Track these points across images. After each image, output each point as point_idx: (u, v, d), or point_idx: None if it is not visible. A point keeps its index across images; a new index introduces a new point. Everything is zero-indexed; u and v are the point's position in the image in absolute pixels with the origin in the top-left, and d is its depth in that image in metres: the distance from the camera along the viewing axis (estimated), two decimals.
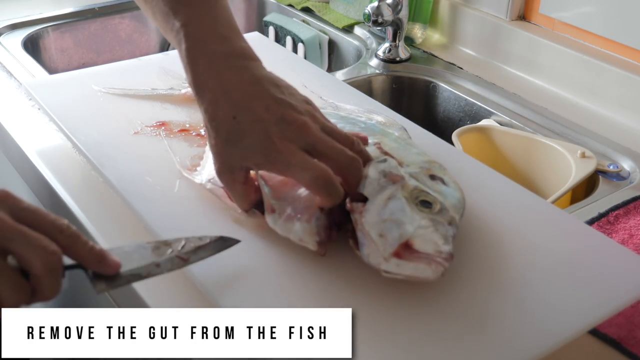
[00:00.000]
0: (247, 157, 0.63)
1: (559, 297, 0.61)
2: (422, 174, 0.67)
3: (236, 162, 0.63)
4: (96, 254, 0.53)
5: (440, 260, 0.58)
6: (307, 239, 0.61)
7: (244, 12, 1.58)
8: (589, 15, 1.11)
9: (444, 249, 0.59)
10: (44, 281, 0.50)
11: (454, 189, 0.67)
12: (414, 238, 0.59)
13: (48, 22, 1.33)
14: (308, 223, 0.61)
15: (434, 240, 0.59)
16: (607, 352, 0.64)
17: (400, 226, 0.60)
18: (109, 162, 0.77)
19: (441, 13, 1.31)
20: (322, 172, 0.60)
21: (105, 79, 0.94)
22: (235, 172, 0.64)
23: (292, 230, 0.62)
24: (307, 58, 1.39)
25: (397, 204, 0.61)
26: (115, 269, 0.53)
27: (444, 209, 0.63)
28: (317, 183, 0.60)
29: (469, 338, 0.56)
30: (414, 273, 0.57)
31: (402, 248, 0.58)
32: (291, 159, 0.61)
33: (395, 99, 1.25)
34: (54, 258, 0.50)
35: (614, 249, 0.68)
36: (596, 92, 1.09)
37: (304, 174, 0.60)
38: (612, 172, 0.94)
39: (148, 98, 0.90)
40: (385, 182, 0.63)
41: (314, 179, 0.60)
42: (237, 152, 0.63)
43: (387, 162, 0.66)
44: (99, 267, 0.53)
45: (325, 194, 0.60)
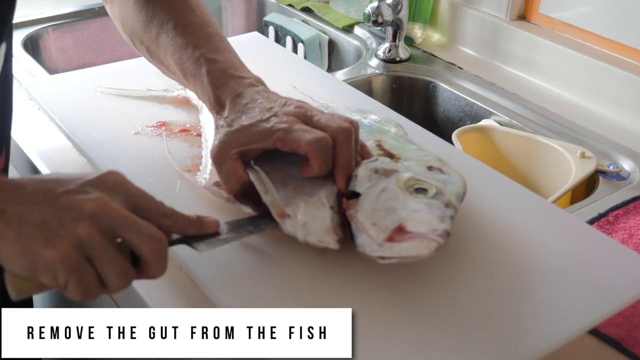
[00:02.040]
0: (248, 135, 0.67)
1: (559, 296, 0.61)
2: (419, 166, 0.67)
3: (234, 140, 0.67)
4: (196, 222, 0.60)
5: (434, 237, 0.57)
6: (327, 239, 0.61)
7: (244, 12, 1.58)
8: (589, 15, 1.11)
9: (439, 227, 0.58)
10: (152, 264, 0.55)
11: (454, 177, 0.66)
12: (407, 221, 0.59)
13: (48, 22, 1.33)
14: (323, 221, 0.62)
15: (428, 220, 0.59)
16: (607, 352, 0.64)
17: (393, 212, 0.60)
18: (109, 162, 0.77)
19: (441, 13, 1.31)
20: (323, 136, 0.64)
21: (105, 79, 0.94)
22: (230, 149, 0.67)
23: (310, 233, 0.62)
24: (307, 58, 1.39)
25: (390, 194, 0.62)
26: (216, 226, 0.61)
27: (439, 193, 0.62)
28: (318, 145, 0.63)
29: (468, 338, 0.56)
30: (407, 252, 0.57)
31: (395, 232, 0.58)
32: (293, 126, 0.65)
33: (395, 99, 1.25)
34: (161, 245, 0.55)
35: (614, 248, 0.68)
36: (596, 92, 1.09)
37: (306, 135, 0.64)
38: (612, 172, 0.94)
39: (143, 98, 0.90)
40: (377, 178, 0.64)
41: (315, 140, 0.63)
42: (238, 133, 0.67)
43: (378, 161, 0.66)
44: (202, 230, 0.60)
45: (322, 158, 0.63)
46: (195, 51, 0.74)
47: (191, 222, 0.60)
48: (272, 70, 0.95)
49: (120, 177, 0.57)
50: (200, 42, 0.75)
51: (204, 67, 0.73)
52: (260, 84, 0.74)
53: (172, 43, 0.76)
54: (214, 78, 0.72)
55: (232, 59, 0.75)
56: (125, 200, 0.56)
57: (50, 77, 1.04)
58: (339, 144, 0.65)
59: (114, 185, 0.56)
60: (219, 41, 0.77)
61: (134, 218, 0.54)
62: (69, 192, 0.54)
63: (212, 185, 0.70)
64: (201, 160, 0.76)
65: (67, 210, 0.53)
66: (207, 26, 0.78)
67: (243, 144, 0.66)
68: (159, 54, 0.79)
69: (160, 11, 0.78)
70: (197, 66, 0.74)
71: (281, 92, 0.72)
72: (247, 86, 0.72)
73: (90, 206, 0.53)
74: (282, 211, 0.63)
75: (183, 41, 0.76)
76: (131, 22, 0.81)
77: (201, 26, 0.77)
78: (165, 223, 0.57)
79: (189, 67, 0.74)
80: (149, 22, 0.79)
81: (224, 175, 0.67)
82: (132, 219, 0.54)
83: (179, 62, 0.75)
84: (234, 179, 0.66)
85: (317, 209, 0.63)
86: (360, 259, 0.61)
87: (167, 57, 0.77)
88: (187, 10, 0.79)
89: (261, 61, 0.76)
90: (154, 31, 0.78)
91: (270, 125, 0.66)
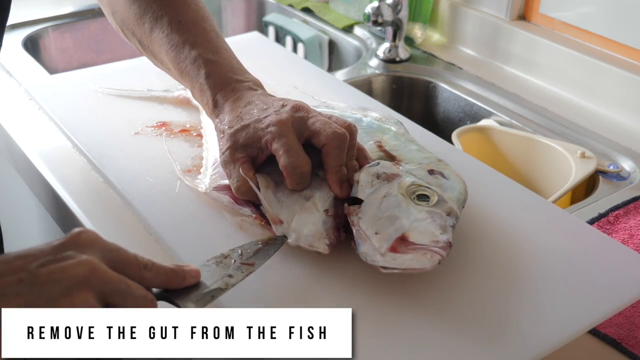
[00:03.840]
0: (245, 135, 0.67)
1: (559, 296, 0.61)
2: (420, 170, 0.67)
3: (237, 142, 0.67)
4: (177, 273, 0.55)
5: (437, 249, 0.57)
6: (318, 244, 0.62)
7: (244, 12, 1.58)
8: (589, 15, 1.11)
9: (441, 238, 0.59)
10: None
11: (455, 181, 0.67)
12: (410, 231, 0.59)
13: (48, 22, 1.33)
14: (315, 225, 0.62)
15: (430, 230, 0.59)
16: (607, 352, 0.64)
17: (396, 221, 0.60)
18: (110, 162, 0.77)
19: (441, 13, 1.31)
20: (299, 163, 0.64)
21: (105, 79, 0.94)
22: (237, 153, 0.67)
23: (301, 237, 0.62)
24: (307, 58, 1.39)
25: (392, 201, 0.62)
26: (197, 277, 0.56)
27: (441, 200, 0.63)
28: (293, 170, 0.64)
29: (468, 338, 0.56)
30: (411, 265, 0.57)
31: (397, 242, 0.58)
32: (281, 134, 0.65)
33: (395, 99, 1.25)
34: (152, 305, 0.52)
35: (614, 248, 0.68)
36: (596, 92, 1.09)
37: (285, 156, 0.64)
38: (612, 172, 0.94)
39: (143, 98, 0.90)
40: (379, 183, 0.64)
41: (290, 165, 0.64)
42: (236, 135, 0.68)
43: (379, 165, 0.66)
44: (184, 283, 0.56)
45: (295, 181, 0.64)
46: (193, 50, 0.73)
47: (173, 272, 0.55)
48: (272, 70, 0.95)
49: (92, 234, 0.52)
50: (198, 41, 0.74)
51: (203, 69, 0.72)
52: (258, 87, 0.73)
53: (168, 40, 0.75)
54: (214, 82, 0.72)
55: (231, 60, 0.75)
56: (103, 258, 0.51)
57: (50, 77, 1.04)
58: (331, 150, 0.64)
59: (89, 243, 0.51)
60: (216, 38, 0.76)
61: (125, 280, 0.50)
62: (45, 264, 0.48)
63: (212, 191, 0.70)
64: (201, 160, 0.76)
65: (52, 284, 0.47)
66: (202, 22, 0.77)
67: (243, 144, 0.66)
68: (152, 48, 0.78)
69: (154, 4, 0.77)
70: (195, 67, 0.73)
71: (282, 92, 0.72)
72: (245, 90, 0.72)
73: (81, 271, 0.48)
74: (275, 217, 0.63)
75: (179, 39, 0.74)
76: (122, 13, 0.79)
77: (197, 22, 0.76)
78: (147, 276, 0.53)
79: (186, 67, 0.74)
80: (142, 16, 0.77)
81: (235, 178, 0.66)
82: (124, 281, 0.50)
83: (175, 60, 0.75)
84: (245, 184, 0.65)
85: (310, 214, 0.63)
86: (360, 259, 0.61)
87: (162, 53, 0.76)
88: (181, 4, 0.77)
89: (261, 61, 0.76)
90: (147, 25, 0.77)
91: (263, 126, 0.66)
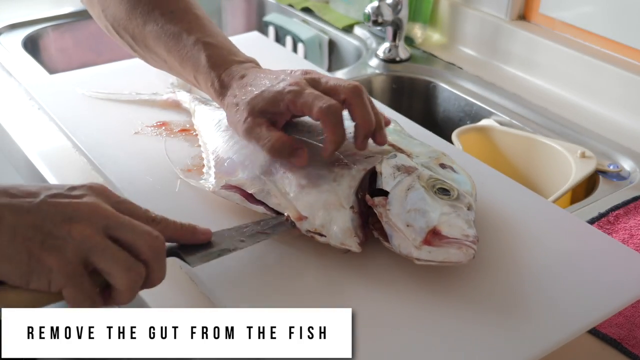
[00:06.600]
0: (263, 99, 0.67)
1: (559, 296, 0.61)
2: (432, 163, 0.68)
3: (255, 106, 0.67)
4: (188, 229, 0.57)
5: (469, 243, 0.59)
6: (349, 241, 0.62)
7: (244, 12, 1.58)
8: (589, 15, 1.11)
9: (470, 232, 0.60)
10: (151, 264, 0.53)
11: (465, 177, 0.69)
12: (440, 224, 0.60)
13: (48, 22, 1.33)
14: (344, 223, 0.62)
15: (459, 224, 0.61)
16: (607, 352, 0.64)
17: (425, 214, 0.61)
18: (110, 162, 0.77)
19: (441, 13, 1.31)
20: (334, 102, 0.64)
21: (105, 79, 0.94)
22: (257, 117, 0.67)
23: (331, 236, 0.62)
24: (307, 58, 1.38)
25: (417, 194, 0.63)
26: (208, 236, 0.59)
27: (461, 195, 0.64)
28: (329, 110, 0.63)
29: (468, 337, 0.56)
30: (447, 258, 0.59)
31: (430, 235, 0.59)
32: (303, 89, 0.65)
33: (395, 99, 1.25)
34: (158, 241, 0.53)
35: (614, 248, 0.68)
36: (596, 92, 1.09)
37: (317, 101, 0.64)
38: (612, 172, 0.94)
39: (130, 102, 0.90)
40: (400, 175, 0.64)
41: (326, 106, 0.63)
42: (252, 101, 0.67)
43: (397, 157, 0.67)
44: (194, 238, 0.58)
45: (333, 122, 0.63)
46: (190, 36, 0.74)
47: (183, 227, 0.57)
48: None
49: (104, 187, 0.55)
50: (193, 27, 0.75)
51: (203, 52, 0.73)
52: (259, 66, 0.75)
53: (163, 31, 0.76)
54: (216, 63, 0.73)
55: (228, 43, 0.76)
56: (112, 205, 0.54)
57: (50, 77, 1.04)
58: (354, 102, 0.65)
59: (101, 192, 0.54)
60: (209, 24, 0.77)
61: (127, 217, 0.53)
62: (55, 196, 0.52)
63: (220, 189, 0.69)
64: (201, 160, 0.76)
65: (57, 212, 0.51)
66: (194, 8, 0.78)
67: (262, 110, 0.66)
68: (147, 42, 0.78)
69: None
70: (195, 51, 0.74)
71: None
72: (249, 68, 0.73)
73: (85, 207, 0.51)
74: (298, 214, 0.63)
75: (175, 28, 0.75)
76: (113, 9, 0.79)
77: (189, 10, 0.77)
78: (155, 228, 0.54)
79: (186, 53, 0.74)
80: (133, 10, 0.78)
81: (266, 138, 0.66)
82: (127, 218, 0.53)
83: (174, 49, 0.75)
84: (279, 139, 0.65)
85: (337, 211, 0.63)
86: (360, 259, 0.61)
87: (160, 45, 0.77)
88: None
89: (261, 61, 0.76)
90: (140, 19, 0.77)
91: (280, 88, 0.66)
